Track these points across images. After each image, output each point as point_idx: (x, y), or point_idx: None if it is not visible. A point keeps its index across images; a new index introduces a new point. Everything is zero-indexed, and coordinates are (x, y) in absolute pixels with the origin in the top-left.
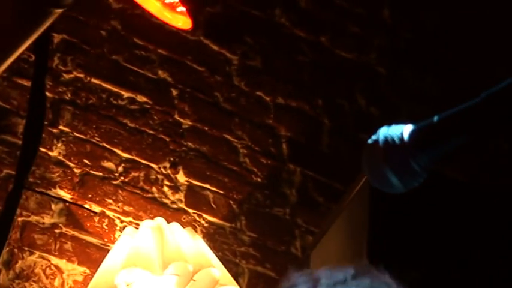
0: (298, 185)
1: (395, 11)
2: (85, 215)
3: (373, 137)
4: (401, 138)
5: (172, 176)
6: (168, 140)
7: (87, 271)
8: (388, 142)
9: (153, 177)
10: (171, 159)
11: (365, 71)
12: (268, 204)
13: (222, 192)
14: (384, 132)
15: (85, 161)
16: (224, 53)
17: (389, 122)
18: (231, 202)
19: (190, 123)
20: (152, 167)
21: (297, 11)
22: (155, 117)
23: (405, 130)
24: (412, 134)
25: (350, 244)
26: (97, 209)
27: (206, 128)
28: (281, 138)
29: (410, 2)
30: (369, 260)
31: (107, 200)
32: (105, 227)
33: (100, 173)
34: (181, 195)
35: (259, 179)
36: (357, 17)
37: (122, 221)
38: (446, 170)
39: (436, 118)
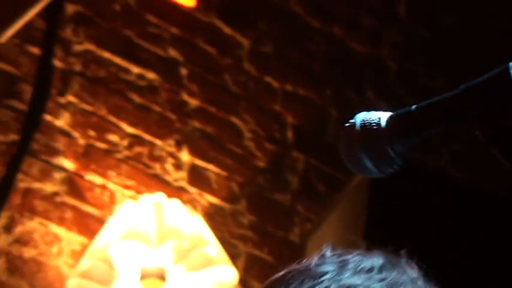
0: (301, 172)
1: (411, 7)
2: (87, 185)
3: (351, 121)
4: (378, 124)
5: (176, 154)
6: (174, 118)
7: (86, 241)
8: (365, 126)
9: (157, 153)
10: (176, 137)
11: (376, 65)
12: (269, 189)
13: (224, 173)
14: (362, 116)
15: (90, 132)
16: (236, 36)
17: None
18: (233, 184)
19: (197, 103)
20: (156, 144)
21: (312, 0)
22: (163, 95)
23: (383, 116)
24: (389, 121)
25: (346, 234)
26: (99, 180)
27: (213, 109)
28: (287, 125)
29: (428, 1)
30: None
31: (109, 172)
32: (106, 199)
33: (104, 146)
34: (183, 174)
35: (262, 164)
36: (372, 11)
37: (122, 194)
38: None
39: (413, 107)
